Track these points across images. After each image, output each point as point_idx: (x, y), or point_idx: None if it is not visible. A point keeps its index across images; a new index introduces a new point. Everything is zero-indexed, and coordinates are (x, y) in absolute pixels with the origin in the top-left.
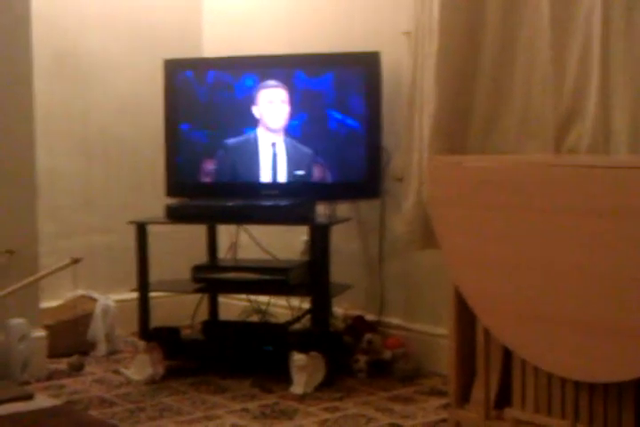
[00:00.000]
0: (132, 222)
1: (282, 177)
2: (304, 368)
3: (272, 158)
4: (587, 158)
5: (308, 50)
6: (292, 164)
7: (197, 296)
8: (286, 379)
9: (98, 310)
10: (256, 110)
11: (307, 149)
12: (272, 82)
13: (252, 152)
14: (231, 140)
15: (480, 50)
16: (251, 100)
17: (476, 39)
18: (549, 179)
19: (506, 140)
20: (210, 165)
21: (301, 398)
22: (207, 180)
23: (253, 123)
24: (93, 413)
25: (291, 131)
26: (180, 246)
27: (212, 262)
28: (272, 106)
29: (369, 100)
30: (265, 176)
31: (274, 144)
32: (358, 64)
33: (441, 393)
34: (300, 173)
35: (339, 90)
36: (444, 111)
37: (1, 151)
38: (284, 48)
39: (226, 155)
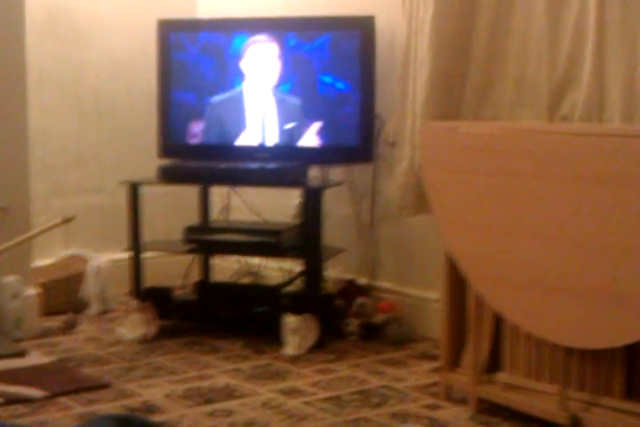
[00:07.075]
0: (124, 182)
1: (274, 140)
2: (296, 330)
3: (262, 116)
4: (580, 126)
5: (303, 13)
6: (283, 119)
7: (189, 257)
8: (278, 341)
9: (90, 269)
10: (245, 65)
11: (296, 101)
12: (263, 37)
13: (239, 109)
14: (217, 98)
15: (475, 16)
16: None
17: (472, 5)
18: (542, 146)
19: (500, 107)
20: (201, 126)
21: (293, 359)
22: (199, 141)
23: (242, 81)
24: (87, 370)
25: (282, 91)
26: (172, 208)
27: (204, 224)
28: (262, 61)
29: (363, 65)
30: (257, 138)
31: (263, 101)
32: (353, 28)
33: (432, 357)
34: (290, 125)
35: (332, 54)
36: (438, 77)
37: None
38: (278, 10)
39: (213, 113)
